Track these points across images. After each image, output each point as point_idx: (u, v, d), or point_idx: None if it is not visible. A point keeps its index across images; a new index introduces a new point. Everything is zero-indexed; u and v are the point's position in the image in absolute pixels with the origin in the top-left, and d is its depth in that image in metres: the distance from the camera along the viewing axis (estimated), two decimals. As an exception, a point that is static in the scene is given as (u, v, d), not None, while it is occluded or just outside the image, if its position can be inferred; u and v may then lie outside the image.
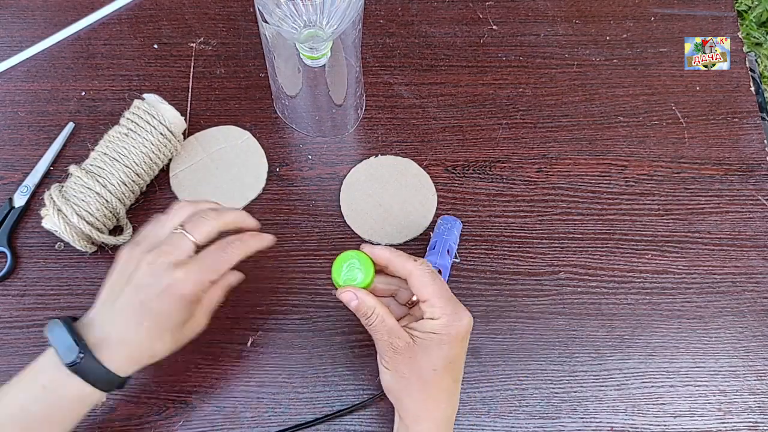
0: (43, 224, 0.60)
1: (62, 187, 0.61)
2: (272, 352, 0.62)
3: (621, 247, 0.66)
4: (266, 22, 0.56)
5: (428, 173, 0.69)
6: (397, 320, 0.51)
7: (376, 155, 0.70)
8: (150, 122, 0.63)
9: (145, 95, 0.65)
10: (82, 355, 0.47)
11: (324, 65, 0.60)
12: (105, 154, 0.62)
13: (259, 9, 0.56)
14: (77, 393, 0.48)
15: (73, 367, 0.47)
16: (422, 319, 0.50)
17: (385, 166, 0.69)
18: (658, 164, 0.70)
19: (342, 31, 0.56)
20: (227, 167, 0.68)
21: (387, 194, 0.68)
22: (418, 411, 0.51)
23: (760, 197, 0.69)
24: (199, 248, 0.51)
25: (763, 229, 0.67)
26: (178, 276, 0.49)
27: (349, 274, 0.51)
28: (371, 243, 0.66)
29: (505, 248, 0.66)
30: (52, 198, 0.60)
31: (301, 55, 0.58)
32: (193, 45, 0.75)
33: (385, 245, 0.53)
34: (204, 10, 0.77)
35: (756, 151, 0.71)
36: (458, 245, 0.64)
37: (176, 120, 0.65)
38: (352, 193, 0.68)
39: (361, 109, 0.71)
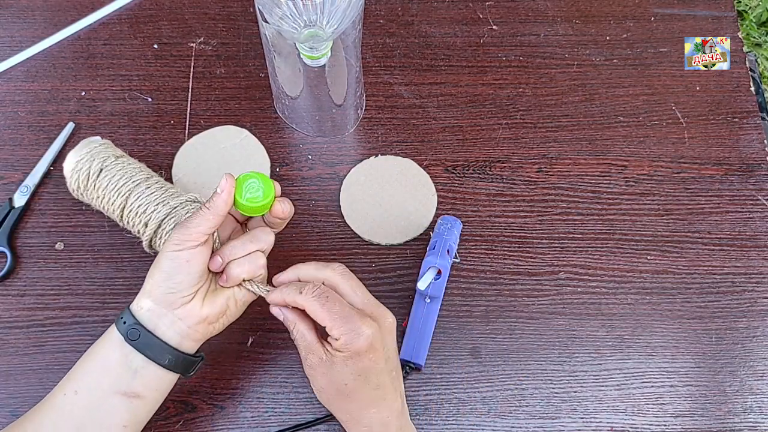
0: None
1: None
2: (272, 352, 0.62)
3: (621, 247, 0.66)
4: (266, 21, 0.56)
5: (428, 173, 0.69)
6: None
7: (376, 155, 0.70)
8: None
9: None
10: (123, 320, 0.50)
11: (324, 65, 0.60)
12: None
13: (259, 9, 0.56)
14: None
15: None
16: None
17: (385, 166, 0.69)
18: (658, 164, 0.70)
19: (342, 30, 0.56)
20: (230, 167, 0.68)
21: (387, 194, 0.68)
22: (346, 418, 0.52)
23: (760, 197, 0.69)
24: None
25: (763, 229, 0.67)
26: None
27: (250, 194, 0.51)
28: (370, 243, 0.66)
29: (505, 248, 0.66)
30: None
31: (301, 54, 0.58)
32: (193, 45, 0.75)
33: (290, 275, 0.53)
34: (204, 10, 0.77)
35: (756, 151, 0.71)
36: (458, 245, 0.64)
37: None
38: (352, 193, 0.68)
39: (361, 109, 0.71)
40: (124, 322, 0.50)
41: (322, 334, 0.51)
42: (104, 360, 0.50)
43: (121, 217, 0.60)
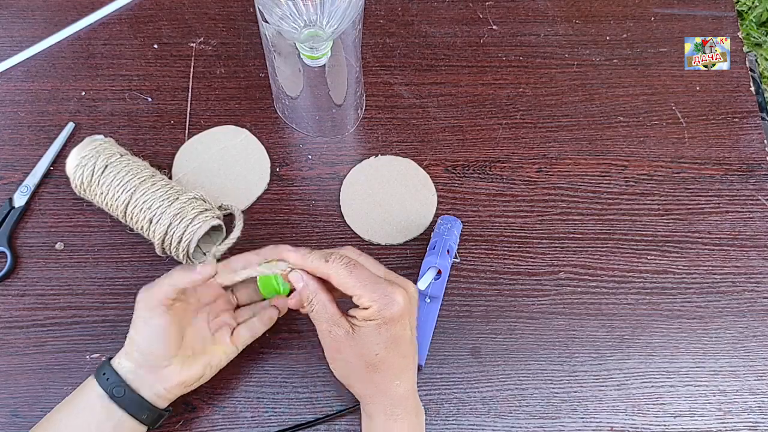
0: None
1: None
2: (272, 352, 0.62)
3: (621, 247, 0.66)
4: (266, 21, 0.56)
5: (428, 173, 0.69)
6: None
7: (376, 155, 0.70)
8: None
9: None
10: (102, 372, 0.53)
11: (324, 65, 0.60)
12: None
13: (259, 9, 0.56)
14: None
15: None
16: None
17: (385, 166, 0.69)
18: (658, 164, 0.70)
19: (342, 30, 0.56)
20: (230, 167, 0.68)
21: (387, 194, 0.68)
22: (371, 391, 0.52)
23: (760, 197, 0.69)
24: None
25: (763, 229, 0.67)
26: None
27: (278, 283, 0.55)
28: (370, 243, 0.66)
29: (505, 248, 0.66)
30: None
31: (301, 54, 0.58)
32: (193, 45, 0.75)
33: (300, 252, 0.52)
34: (204, 10, 0.77)
35: (756, 151, 0.71)
36: (458, 245, 0.64)
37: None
38: (352, 193, 0.68)
39: (361, 109, 0.71)
40: (107, 379, 0.52)
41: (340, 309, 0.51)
42: (86, 415, 0.52)
43: (125, 213, 0.60)
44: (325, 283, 0.51)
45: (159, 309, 0.51)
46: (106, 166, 0.60)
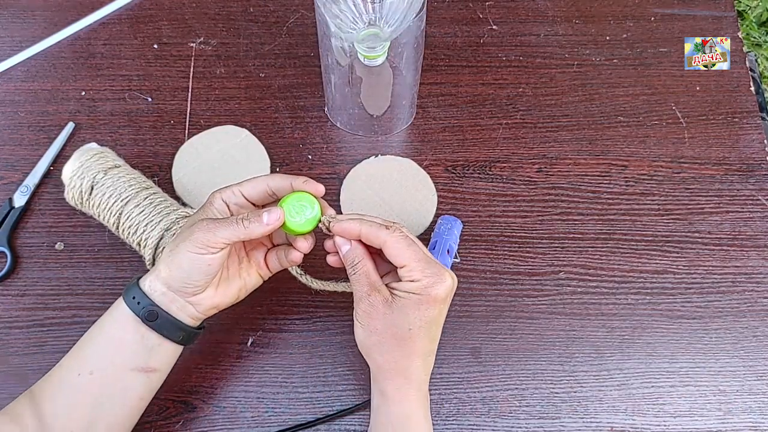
0: None
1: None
2: (272, 352, 0.62)
3: (621, 247, 0.66)
4: (329, 28, 0.56)
5: (428, 173, 0.69)
6: (381, 276, 0.52)
7: (376, 155, 0.70)
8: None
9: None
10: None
11: (380, 64, 0.60)
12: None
13: (324, 17, 0.56)
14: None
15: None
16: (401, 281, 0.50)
17: (385, 166, 0.69)
18: (658, 164, 0.70)
19: (401, 31, 0.57)
20: (230, 167, 0.68)
21: (387, 194, 0.68)
22: (389, 366, 0.51)
23: (760, 197, 0.69)
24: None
25: (763, 229, 0.67)
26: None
27: (301, 214, 0.51)
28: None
29: (505, 248, 0.66)
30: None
31: (359, 54, 0.59)
32: (193, 45, 0.75)
33: (354, 215, 0.52)
34: (204, 10, 0.77)
35: (756, 151, 0.71)
36: (458, 245, 0.64)
37: None
38: (352, 193, 0.68)
39: (414, 108, 0.72)
40: (138, 303, 0.50)
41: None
42: (119, 340, 0.51)
43: (119, 233, 0.61)
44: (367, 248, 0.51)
45: (213, 249, 0.49)
46: (92, 187, 0.60)
